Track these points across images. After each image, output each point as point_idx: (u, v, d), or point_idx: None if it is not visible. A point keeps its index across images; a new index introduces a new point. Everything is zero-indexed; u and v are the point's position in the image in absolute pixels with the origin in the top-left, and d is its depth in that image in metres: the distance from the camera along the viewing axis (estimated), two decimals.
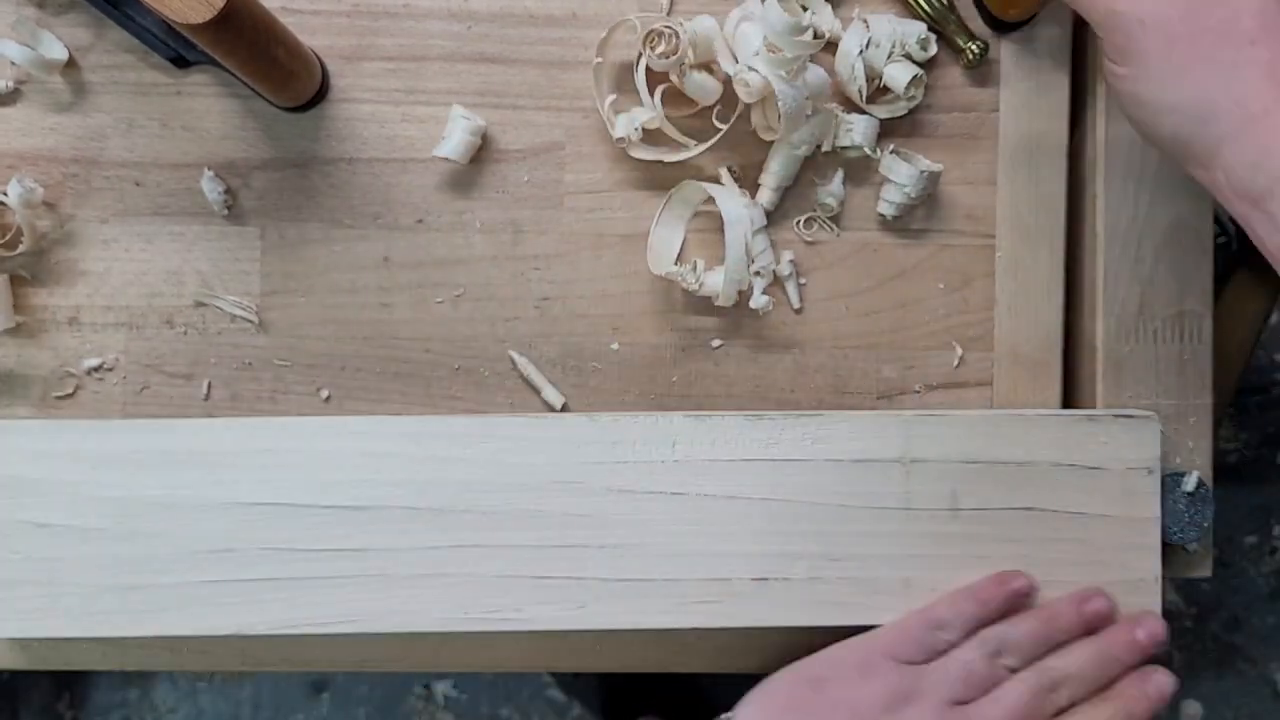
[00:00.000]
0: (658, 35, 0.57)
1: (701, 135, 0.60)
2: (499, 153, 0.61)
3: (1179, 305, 0.60)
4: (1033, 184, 0.62)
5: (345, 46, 0.61)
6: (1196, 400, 0.60)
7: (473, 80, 0.61)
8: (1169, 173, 0.60)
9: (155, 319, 0.61)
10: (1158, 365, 0.60)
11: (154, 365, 0.61)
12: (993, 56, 0.62)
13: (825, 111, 0.60)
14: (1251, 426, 1.37)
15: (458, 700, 1.33)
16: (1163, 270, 0.60)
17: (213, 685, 1.32)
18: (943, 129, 0.62)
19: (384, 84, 0.61)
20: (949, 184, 0.62)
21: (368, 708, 1.33)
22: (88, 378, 0.61)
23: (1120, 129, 0.60)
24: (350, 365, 0.61)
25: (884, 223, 0.62)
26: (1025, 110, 0.62)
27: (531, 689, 1.33)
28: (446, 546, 0.56)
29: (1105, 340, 0.60)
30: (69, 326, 0.61)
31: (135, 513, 0.55)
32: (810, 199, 0.62)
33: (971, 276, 0.62)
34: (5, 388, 0.60)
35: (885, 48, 0.59)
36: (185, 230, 0.61)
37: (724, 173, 0.61)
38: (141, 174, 0.61)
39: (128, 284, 0.61)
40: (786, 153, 0.60)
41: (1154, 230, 0.60)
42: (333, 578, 0.55)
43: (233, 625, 0.55)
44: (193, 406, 0.61)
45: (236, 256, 0.61)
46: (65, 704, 1.31)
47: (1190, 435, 0.60)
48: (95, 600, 0.55)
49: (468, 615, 0.56)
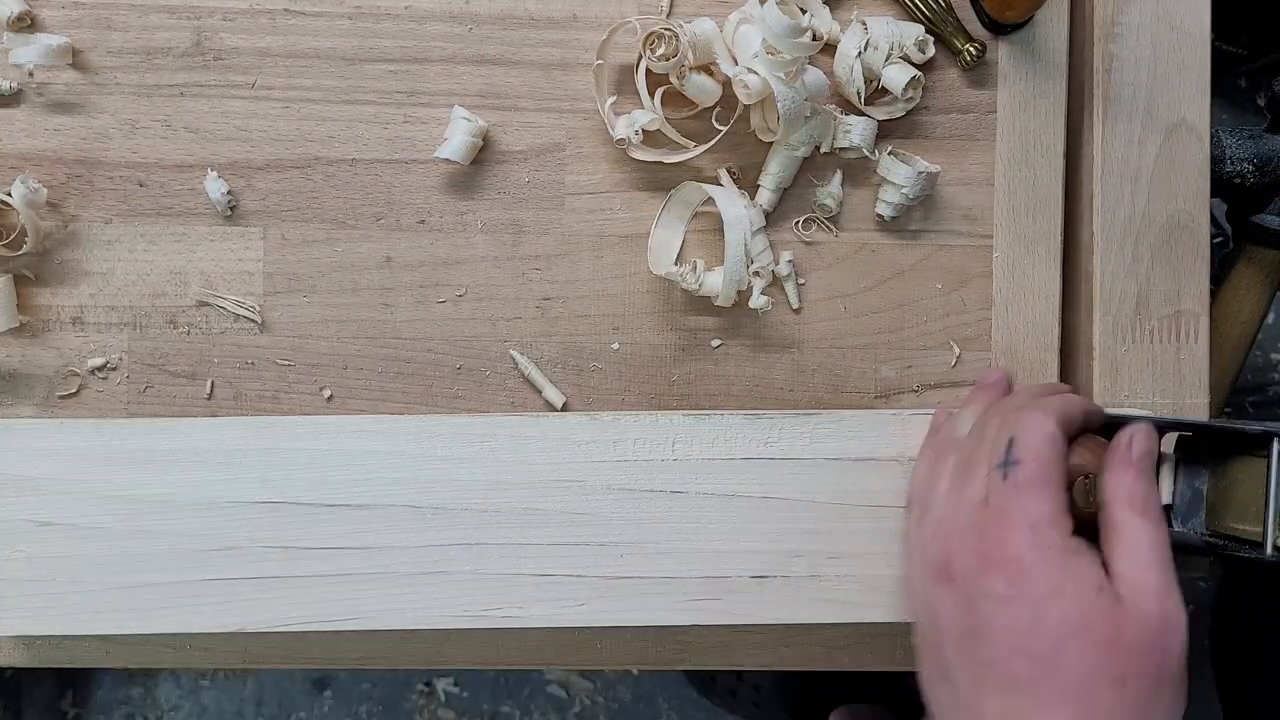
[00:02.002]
0: (658, 37, 0.58)
1: (701, 136, 0.60)
2: (500, 154, 0.62)
3: (1175, 305, 0.61)
4: (1030, 185, 0.62)
5: (347, 48, 0.61)
6: (1192, 400, 0.61)
7: (474, 82, 0.62)
8: (1165, 173, 0.60)
9: (158, 319, 0.61)
10: (1154, 365, 0.61)
11: (157, 365, 0.61)
12: (990, 58, 0.62)
13: (824, 113, 0.60)
14: None
15: (459, 697, 1.34)
16: (1159, 270, 0.61)
17: (215, 683, 1.32)
18: (940, 130, 0.62)
19: (386, 85, 0.61)
20: (946, 185, 0.62)
21: (370, 705, 1.33)
22: (91, 377, 0.61)
23: (1117, 130, 0.60)
24: (352, 365, 0.61)
25: (882, 223, 0.62)
26: (1022, 111, 0.62)
27: (533, 686, 1.34)
28: (448, 544, 0.56)
29: (1102, 340, 0.61)
30: (72, 326, 0.61)
31: (138, 511, 0.56)
32: (809, 200, 0.62)
33: (969, 277, 0.62)
34: (9, 387, 0.61)
35: (883, 50, 0.60)
36: (188, 231, 0.61)
37: (723, 174, 0.62)
38: (145, 175, 0.61)
39: (131, 284, 0.61)
40: (785, 154, 0.60)
41: (1150, 230, 0.61)
42: (335, 576, 0.56)
43: (235, 623, 0.56)
44: (196, 406, 0.61)
45: (239, 257, 0.61)
46: (69, 701, 1.31)
47: None
48: (98, 598, 0.56)
49: (469, 613, 0.56)
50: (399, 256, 0.61)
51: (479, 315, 0.62)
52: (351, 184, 0.61)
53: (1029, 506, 0.47)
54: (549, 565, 0.56)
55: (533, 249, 0.62)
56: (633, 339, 0.62)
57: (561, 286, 0.62)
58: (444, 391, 0.62)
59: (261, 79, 0.61)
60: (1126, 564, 0.47)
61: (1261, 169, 0.65)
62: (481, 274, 0.62)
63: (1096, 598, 0.46)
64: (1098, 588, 0.46)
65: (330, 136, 0.61)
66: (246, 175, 0.61)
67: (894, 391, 0.62)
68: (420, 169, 0.61)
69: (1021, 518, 0.47)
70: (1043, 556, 0.46)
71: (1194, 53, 0.61)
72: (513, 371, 0.62)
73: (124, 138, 0.61)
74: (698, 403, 0.62)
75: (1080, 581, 0.46)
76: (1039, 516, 0.47)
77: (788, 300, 0.62)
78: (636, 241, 0.62)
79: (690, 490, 0.56)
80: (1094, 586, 0.46)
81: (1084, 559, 0.47)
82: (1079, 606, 0.45)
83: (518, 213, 0.62)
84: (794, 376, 0.62)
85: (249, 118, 0.61)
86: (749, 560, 0.56)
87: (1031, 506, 0.47)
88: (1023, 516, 0.47)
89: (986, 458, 0.50)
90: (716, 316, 0.62)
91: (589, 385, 0.62)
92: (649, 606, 0.56)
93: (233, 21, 0.61)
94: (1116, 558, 0.47)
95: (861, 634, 0.62)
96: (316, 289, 0.61)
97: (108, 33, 0.61)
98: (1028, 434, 0.49)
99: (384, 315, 0.61)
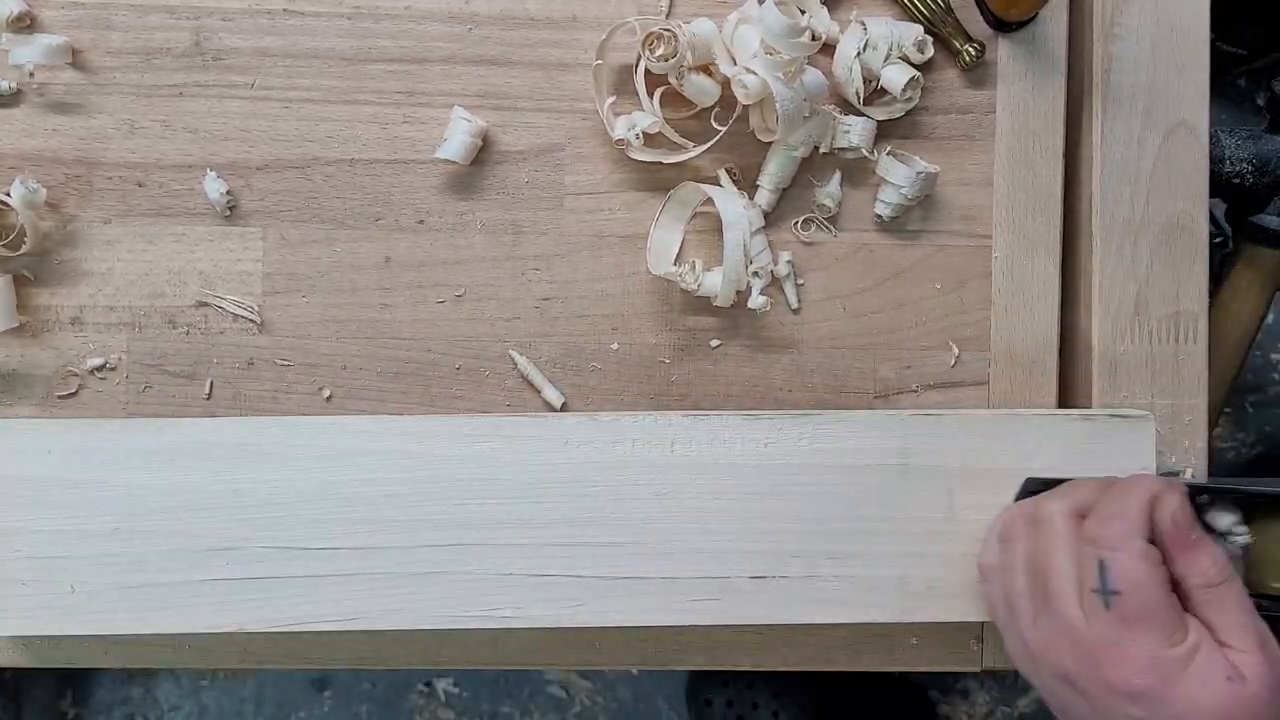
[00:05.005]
0: (657, 38, 0.58)
1: (700, 137, 0.60)
2: (499, 154, 0.62)
3: (1175, 305, 0.61)
4: (1029, 185, 0.62)
5: (347, 48, 0.61)
6: (1192, 400, 0.61)
7: (473, 82, 0.62)
8: (1164, 174, 0.60)
9: (157, 319, 0.61)
10: (1153, 365, 0.61)
11: (156, 365, 0.61)
12: (989, 58, 0.62)
13: (823, 113, 0.60)
14: (1249, 426, 1.37)
15: (459, 697, 1.34)
16: (1158, 270, 0.61)
17: (215, 683, 1.32)
18: (939, 130, 0.62)
19: (385, 85, 0.61)
20: (946, 185, 0.62)
21: (369, 705, 1.33)
22: (90, 377, 0.61)
23: (1116, 130, 0.60)
24: (351, 365, 0.62)
25: (881, 224, 0.62)
26: (1021, 112, 0.62)
27: (532, 686, 1.34)
28: (447, 545, 0.56)
29: (1101, 340, 0.61)
30: (72, 326, 0.61)
31: (137, 511, 0.56)
32: (808, 200, 0.62)
33: (968, 277, 0.62)
34: (8, 387, 0.61)
35: (882, 50, 0.60)
36: (187, 231, 0.61)
37: (722, 174, 0.62)
38: (144, 175, 0.61)
39: (130, 284, 0.61)
40: (784, 154, 0.60)
41: (1150, 231, 0.61)
42: (334, 576, 0.56)
43: (234, 623, 0.56)
44: (195, 406, 0.61)
45: (238, 257, 0.61)
46: (69, 701, 1.31)
47: (1185, 435, 0.61)
48: (97, 598, 0.56)
49: (468, 613, 0.56)
50: (398, 257, 0.61)
51: (478, 315, 0.62)
52: (351, 184, 0.61)
53: (1143, 642, 0.47)
54: (548, 565, 0.56)
55: (532, 249, 0.62)
56: (632, 339, 0.62)
57: (561, 287, 0.62)
58: (443, 392, 0.62)
59: (260, 79, 0.61)
60: (1234, 638, 0.48)
61: (1261, 169, 0.65)
62: (481, 274, 0.62)
63: (1228, 688, 0.46)
64: (1226, 677, 0.47)
65: (329, 137, 0.61)
66: (245, 175, 0.61)
67: (893, 392, 0.62)
68: (419, 169, 0.61)
69: (1137, 652, 0.47)
70: (1168, 681, 0.47)
71: (1193, 53, 0.61)
72: (512, 372, 0.62)
73: (123, 138, 0.61)
74: (697, 403, 0.62)
75: (1208, 680, 0.47)
76: (1155, 647, 0.47)
77: (786, 300, 0.62)
78: (636, 242, 0.62)
79: (689, 490, 0.56)
80: (1222, 676, 0.47)
81: (1202, 656, 0.47)
82: (1215, 701, 0.46)
83: (517, 213, 0.62)
84: (793, 377, 0.62)
85: (248, 118, 0.61)
86: (748, 561, 0.56)
87: (1146, 642, 0.47)
88: (1138, 652, 0.47)
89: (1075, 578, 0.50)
90: (715, 317, 0.62)
91: (588, 385, 0.62)
92: (648, 607, 0.56)
93: (232, 21, 0.61)
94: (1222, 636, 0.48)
95: (860, 634, 0.62)
96: (316, 289, 0.61)
97: (107, 33, 0.61)
98: (1121, 558, 0.49)
99: (383, 315, 0.61)
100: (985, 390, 0.62)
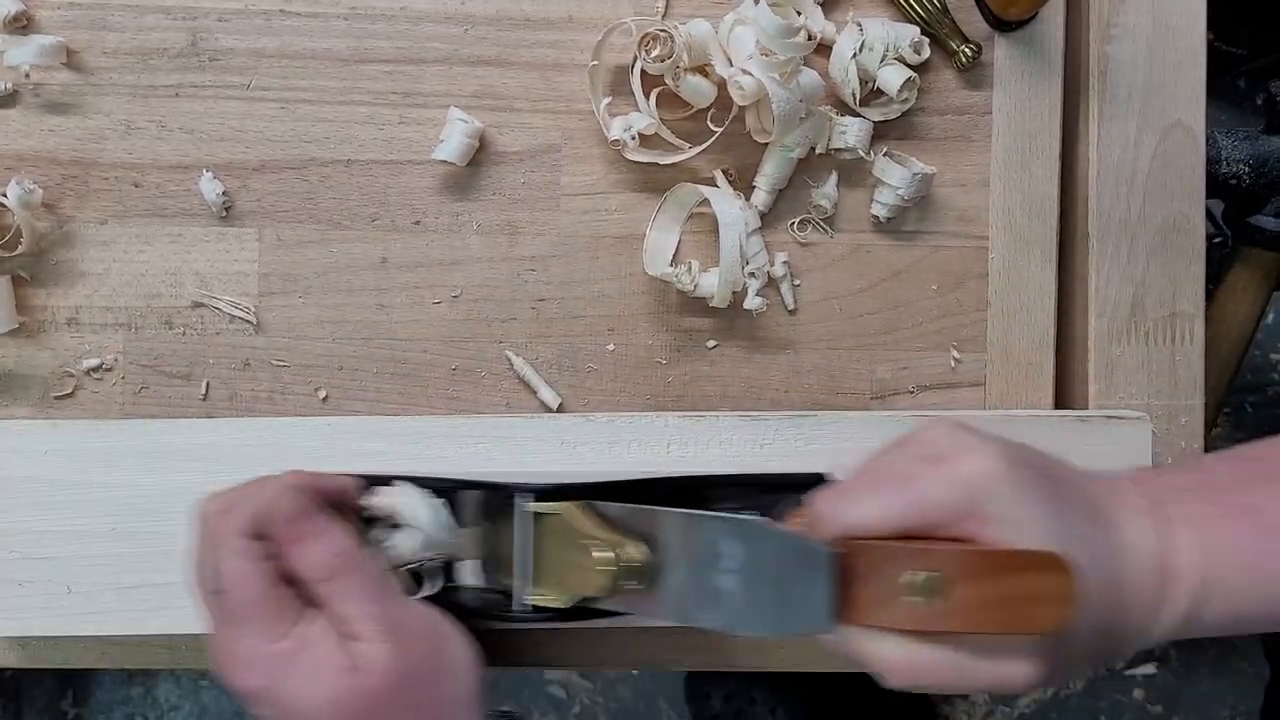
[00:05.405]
0: (653, 39, 0.58)
1: (696, 138, 0.60)
2: (496, 155, 0.62)
3: (1171, 306, 0.61)
4: (1025, 186, 0.62)
5: (343, 49, 0.61)
6: (1188, 401, 0.61)
7: (470, 83, 0.62)
8: (1161, 174, 0.60)
9: (154, 319, 0.61)
10: (1150, 366, 0.61)
11: (152, 365, 0.61)
12: (986, 59, 0.62)
13: (819, 114, 0.60)
14: (1248, 426, 1.37)
15: None
16: (1155, 271, 0.61)
17: (215, 683, 1.33)
18: (936, 131, 0.62)
19: (381, 86, 0.61)
20: (942, 186, 0.62)
21: None
22: (87, 378, 0.61)
23: (1113, 131, 0.60)
24: (348, 366, 0.62)
25: (877, 224, 0.62)
26: (1018, 112, 0.62)
27: (533, 686, 1.34)
28: None
29: (1097, 341, 0.61)
30: (68, 327, 0.61)
31: (134, 512, 0.56)
32: (804, 201, 0.62)
33: (964, 278, 0.62)
34: (5, 388, 0.61)
35: (879, 51, 0.60)
36: (183, 231, 0.61)
37: (719, 175, 0.62)
38: (140, 175, 0.61)
39: (126, 285, 0.61)
40: (780, 155, 0.60)
41: (1146, 232, 0.61)
42: None
43: None
44: (191, 406, 0.61)
45: (234, 258, 0.61)
46: (69, 701, 1.31)
47: (1182, 436, 0.61)
48: (94, 599, 0.56)
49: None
50: (394, 257, 0.61)
51: (475, 316, 0.62)
52: (347, 185, 0.61)
53: (246, 641, 0.47)
54: None
55: (528, 250, 0.62)
56: (628, 340, 0.62)
57: (557, 287, 0.62)
58: (439, 392, 0.62)
59: (257, 80, 0.61)
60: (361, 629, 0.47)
61: (1257, 170, 0.66)
62: (477, 275, 0.62)
63: (341, 680, 0.46)
64: (339, 668, 0.46)
65: (326, 137, 0.61)
66: (242, 176, 0.61)
67: (889, 393, 0.62)
68: (416, 170, 0.62)
69: (243, 651, 0.47)
70: (275, 678, 0.46)
71: (1189, 54, 0.61)
72: (508, 372, 0.62)
73: (119, 138, 0.61)
74: (693, 404, 0.62)
75: (319, 674, 0.46)
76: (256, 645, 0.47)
77: (783, 301, 0.62)
78: (632, 242, 0.62)
79: None
80: (335, 668, 0.46)
81: (311, 651, 0.47)
82: (327, 695, 0.46)
83: (513, 214, 0.62)
84: (789, 377, 0.62)
85: (244, 118, 0.61)
86: None
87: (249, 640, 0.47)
88: (244, 650, 0.47)
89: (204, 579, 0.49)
90: (712, 317, 0.62)
91: (584, 386, 0.62)
92: None
93: (228, 22, 0.61)
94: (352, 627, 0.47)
95: None
96: (312, 290, 0.61)
97: (103, 33, 0.61)
98: (222, 555, 0.48)
99: (379, 316, 0.61)
100: (982, 391, 0.62)
